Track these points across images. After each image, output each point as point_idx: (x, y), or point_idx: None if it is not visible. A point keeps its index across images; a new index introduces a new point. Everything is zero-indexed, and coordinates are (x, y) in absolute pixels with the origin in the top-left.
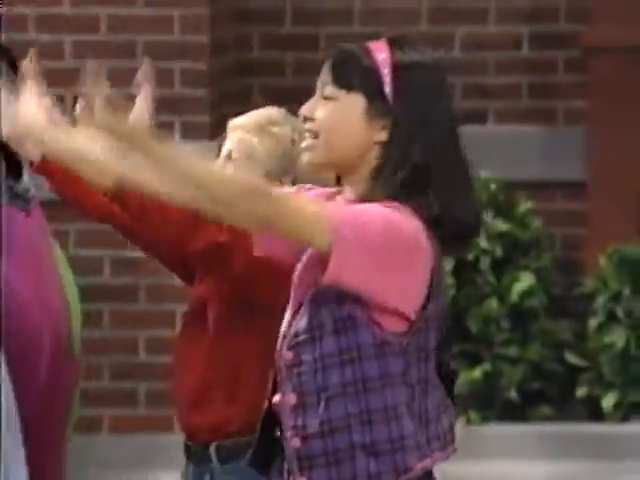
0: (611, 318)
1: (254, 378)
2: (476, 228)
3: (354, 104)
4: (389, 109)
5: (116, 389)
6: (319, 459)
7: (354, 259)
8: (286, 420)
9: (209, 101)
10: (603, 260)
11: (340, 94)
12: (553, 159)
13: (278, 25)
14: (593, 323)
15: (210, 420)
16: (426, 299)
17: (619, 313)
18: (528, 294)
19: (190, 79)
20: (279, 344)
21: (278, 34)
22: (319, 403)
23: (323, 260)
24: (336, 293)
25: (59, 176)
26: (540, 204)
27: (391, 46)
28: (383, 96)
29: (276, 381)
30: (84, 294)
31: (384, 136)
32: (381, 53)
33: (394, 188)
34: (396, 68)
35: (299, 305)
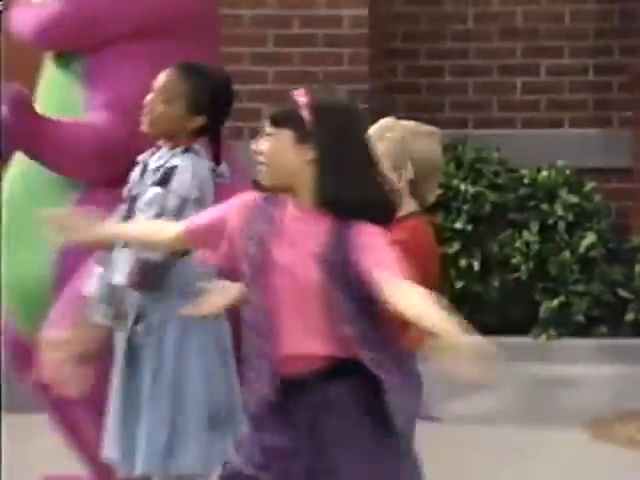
0: None
1: None
2: (376, 208)
3: (285, 137)
4: (310, 135)
5: None
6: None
7: None
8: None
9: (369, 114)
10: None
11: (274, 131)
12: (609, 152)
13: (415, 60)
14: (638, 268)
15: None
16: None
17: None
18: (591, 247)
19: (355, 97)
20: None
21: (415, 66)
22: None
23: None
24: None
25: None
26: (600, 184)
27: (309, 92)
28: (304, 126)
29: None
30: None
31: (311, 155)
32: (301, 97)
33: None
34: (312, 106)
35: None
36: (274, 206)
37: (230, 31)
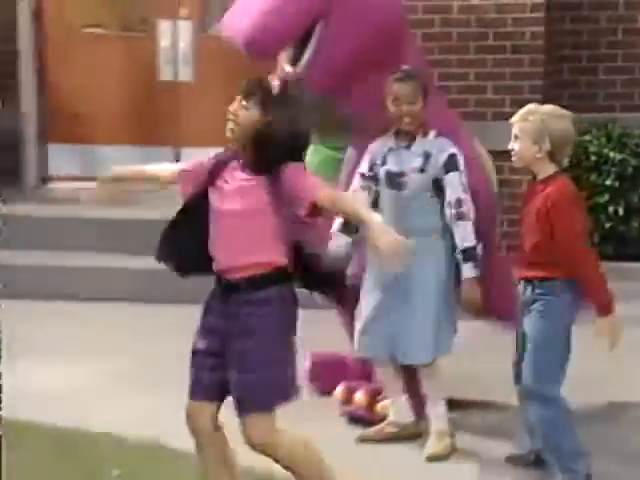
0: None
1: None
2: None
3: (253, 110)
4: (269, 110)
5: None
6: None
7: None
8: None
9: (543, 103)
10: None
11: (247, 105)
12: None
13: (577, 63)
14: None
15: None
16: None
17: None
18: None
19: (533, 91)
20: None
21: (577, 67)
22: None
23: None
24: None
25: None
26: None
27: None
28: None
29: None
30: None
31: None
32: (273, 81)
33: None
34: (272, 91)
35: None
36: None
37: (443, 44)
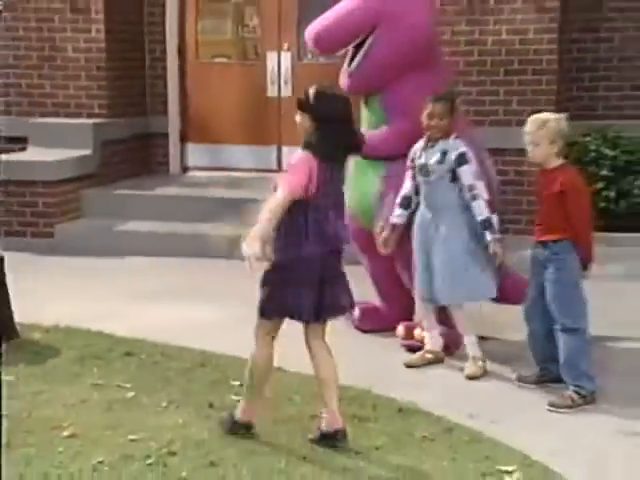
0: None
1: None
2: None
3: (304, 116)
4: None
5: None
6: None
7: None
8: None
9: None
10: None
11: (300, 113)
12: None
13: (582, 82)
14: None
15: None
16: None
17: None
18: None
19: (549, 104)
20: None
21: (581, 85)
22: None
23: None
24: None
25: None
26: None
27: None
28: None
29: None
30: None
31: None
32: (310, 91)
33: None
34: (314, 99)
35: None
36: None
37: (479, 68)
